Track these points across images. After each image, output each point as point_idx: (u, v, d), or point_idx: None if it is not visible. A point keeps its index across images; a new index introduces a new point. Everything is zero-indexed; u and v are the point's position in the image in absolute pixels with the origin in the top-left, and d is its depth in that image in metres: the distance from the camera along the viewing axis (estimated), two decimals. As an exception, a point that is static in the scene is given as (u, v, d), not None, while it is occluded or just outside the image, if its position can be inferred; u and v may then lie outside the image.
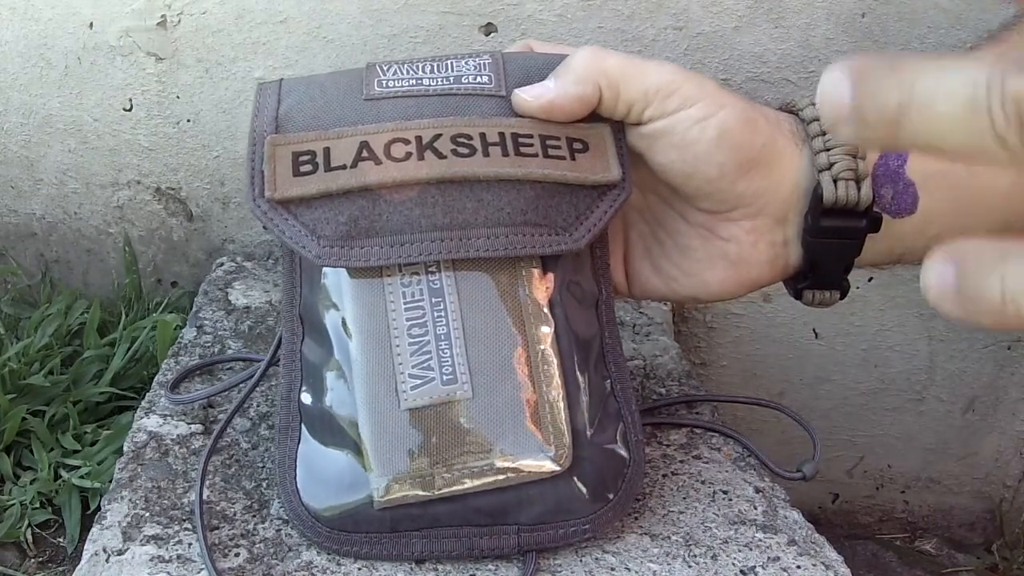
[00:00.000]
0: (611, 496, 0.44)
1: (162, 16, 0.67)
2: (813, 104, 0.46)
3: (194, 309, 0.65)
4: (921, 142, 0.22)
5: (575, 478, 0.42)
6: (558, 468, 0.42)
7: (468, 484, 0.41)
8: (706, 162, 0.44)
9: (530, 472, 0.42)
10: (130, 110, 0.71)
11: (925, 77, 0.22)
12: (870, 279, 0.78)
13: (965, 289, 0.22)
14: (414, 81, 0.45)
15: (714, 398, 0.59)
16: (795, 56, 0.69)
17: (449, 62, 0.46)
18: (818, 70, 0.70)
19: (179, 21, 0.68)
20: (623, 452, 0.44)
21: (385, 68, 0.46)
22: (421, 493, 0.41)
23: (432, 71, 0.46)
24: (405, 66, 0.46)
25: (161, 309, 0.72)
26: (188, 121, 0.71)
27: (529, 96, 0.44)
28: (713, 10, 0.67)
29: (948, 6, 0.67)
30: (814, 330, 0.82)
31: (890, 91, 0.22)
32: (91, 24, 0.68)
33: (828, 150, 0.45)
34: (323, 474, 0.43)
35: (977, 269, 0.22)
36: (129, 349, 0.67)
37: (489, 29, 0.68)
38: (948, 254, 0.22)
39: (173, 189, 0.74)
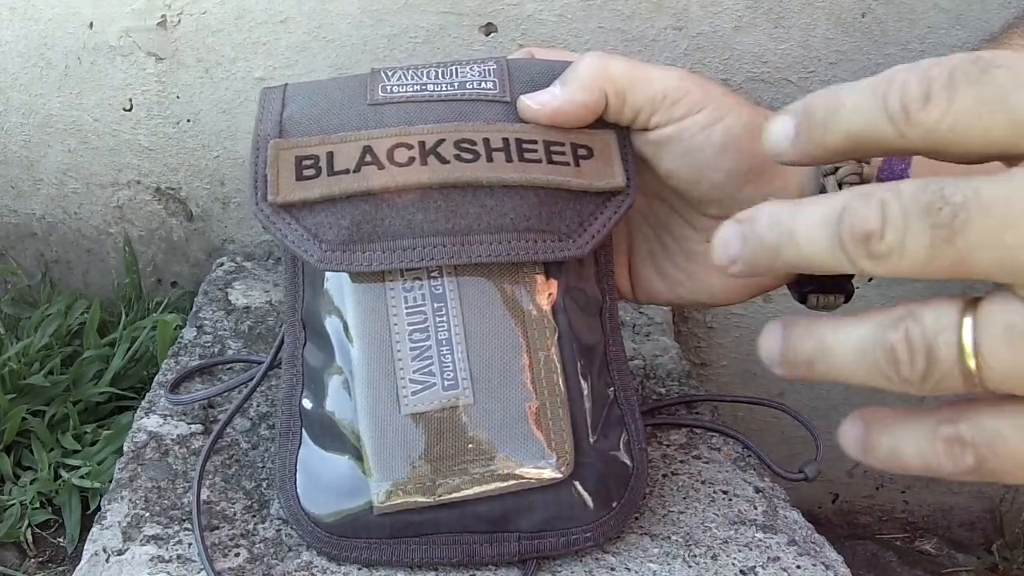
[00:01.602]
0: (614, 504, 0.43)
1: (162, 16, 0.68)
2: None
3: (194, 309, 0.65)
4: (831, 378, 0.30)
5: (577, 485, 0.42)
6: (560, 475, 0.42)
7: (469, 490, 0.41)
8: (712, 168, 0.44)
9: (532, 479, 0.42)
10: (130, 110, 0.71)
11: (832, 332, 0.30)
12: (870, 279, 0.78)
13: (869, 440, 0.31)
14: (418, 87, 0.45)
15: (714, 398, 0.59)
16: (795, 56, 0.69)
17: (454, 68, 0.46)
18: (818, 70, 0.70)
19: (179, 21, 0.68)
20: (626, 460, 0.44)
21: (389, 74, 0.46)
22: (421, 499, 0.41)
23: (437, 77, 0.45)
24: (410, 72, 0.46)
25: (161, 309, 0.72)
26: (188, 121, 0.71)
27: (535, 103, 0.44)
28: (713, 10, 0.67)
29: (948, 6, 0.67)
30: (814, 330, 0.82)
31: (804, 342, 0.31)
32: (91, 24, 0.68)
33: None
34: (323, 479, 0.43)
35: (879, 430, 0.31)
36: (129, 349, 0.67)
37: (489, 29, 0.68)
38: (858, 417, 0.31)
39: (173, 189, 0.74)
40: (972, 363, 0.27)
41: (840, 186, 0.44)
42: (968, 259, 0.26)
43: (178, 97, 0.70)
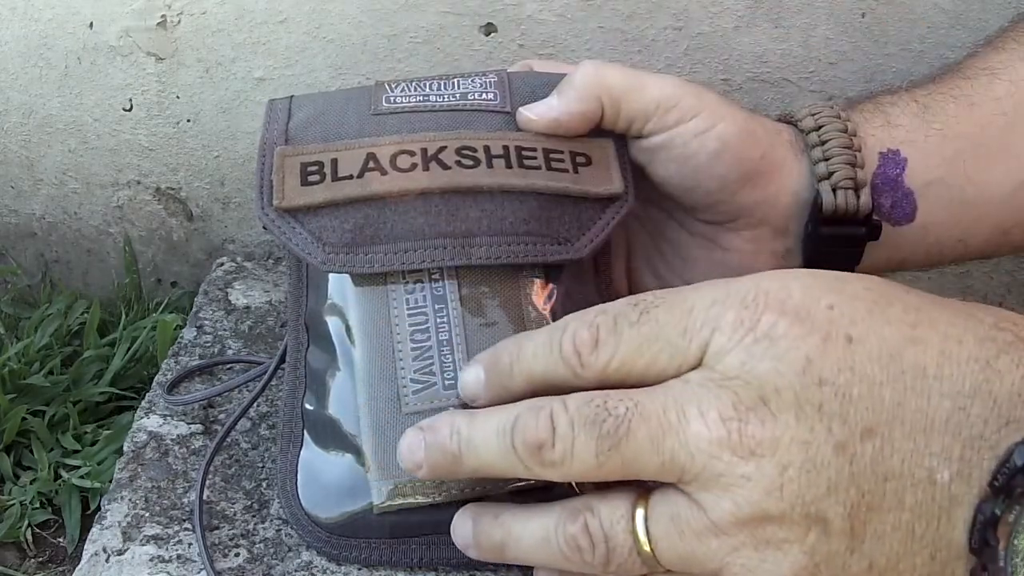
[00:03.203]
0: None
1: (162, 16, 0.68)
2: (812, 115, 0.47)
3: (194, 309, 0.65)
4: (522, 561, 0.35)
5: (577, 487, 0.42)
6: None
7: (468, 491, 0.41)
8: (706, 174, 0.44)
9: (531, 479, 0.42)
10: (130, 110, 0.71)
11: (517, 522, 0.34)
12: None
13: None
14: (421, 97, 0.46)
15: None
16: (795, 56, 0.69)
17: (456, 80, 0.47)
18: (818, 70, 0.70)
19: (179, 21, 0.68)
20: None
21: (393, 85, 0.47)
22: (422, 499, 0.41)
23: (439, 88, 0.47)
24: (413, 83, 0.47)
25: (161, 309, 0.72)
26: (188, 121, 0.71)
27: (534, 114, 0.45)
28: (713, 10, 0.67)
29: (948, 6, 0.67)
30: (814, 330, 0.81)
31: (494, 531, 0.35)
32: (91, 24, 0.68)
33: (827, 159, 0.45)
34: (324, 480, 0.43)
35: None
36: (129, 349, 0.67)
37: (489, 29, 0.68)
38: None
39: (173, 189, 0.74)
40: (648, 548, 0.30)
41: (835, 191, 0.45)
42: (635, 463, 0.30)
43: (178, 97, 0.70)
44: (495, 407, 0.33)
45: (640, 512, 0.31)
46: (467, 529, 0.35)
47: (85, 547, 0.44)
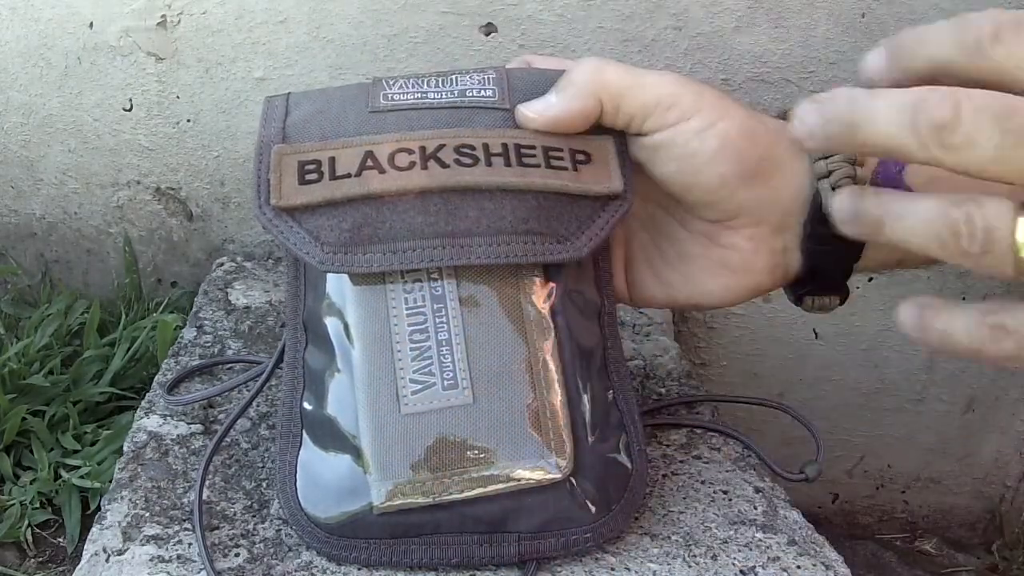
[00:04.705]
0: (614, 506, 0.43)
1: (162, 16, 0.68)
2: None
3: (194, 309, 0.65)
4: (895, 238, 0.34)
5: (576, 486, 0.42)
6: (559, 475, 0.42)
7: (468, 490, 0.41)
8: (706, 173, 0.44)
9: (531, 479, 0.42)
10: (130, 110, 0.71)
11: (899, 201, 0.34)
12: (870, 279, 0.78)
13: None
14: (419, 94, 0.46)
15: (714, 398, 0.59)
16: (795, 56, 0.69)
17: (454, 77, 0.47)
18: (818, 70, 0.70)
19: (179, 21, 0.68)
20: (626, 461, 0.44)
21: (391, 82, 0.47)
22: (421, 500, 0.41)
23: (437, 85, 0.46)
24: (411, 80, 0.47)
25: (161, 309, 0.73)
26: (188, 121, 0.71)
27: (532, 112, 0.44)
28: (713, 10, 0.67)
29: (948, 6, 0.67)
30: (814, 330, 0.82)
31: (874, 208, 0.34)
32: (91, 24, 0.68)
33: (826, 157, 0.45)
34: (323, 480, 0.43)
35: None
36: (129, 349, 0.67)
37: (489, 29, 0.68)
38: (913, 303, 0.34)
39: (173, 189, 0.74)
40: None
41: (834, 190, 0.45)
42: None
43: (178, 97, 0.70)
44: (890, 90, 0.32)
45: (1023, 219, 0.31)
46: (849, 202, 0.35)
47: (85, 547, 0.44)
